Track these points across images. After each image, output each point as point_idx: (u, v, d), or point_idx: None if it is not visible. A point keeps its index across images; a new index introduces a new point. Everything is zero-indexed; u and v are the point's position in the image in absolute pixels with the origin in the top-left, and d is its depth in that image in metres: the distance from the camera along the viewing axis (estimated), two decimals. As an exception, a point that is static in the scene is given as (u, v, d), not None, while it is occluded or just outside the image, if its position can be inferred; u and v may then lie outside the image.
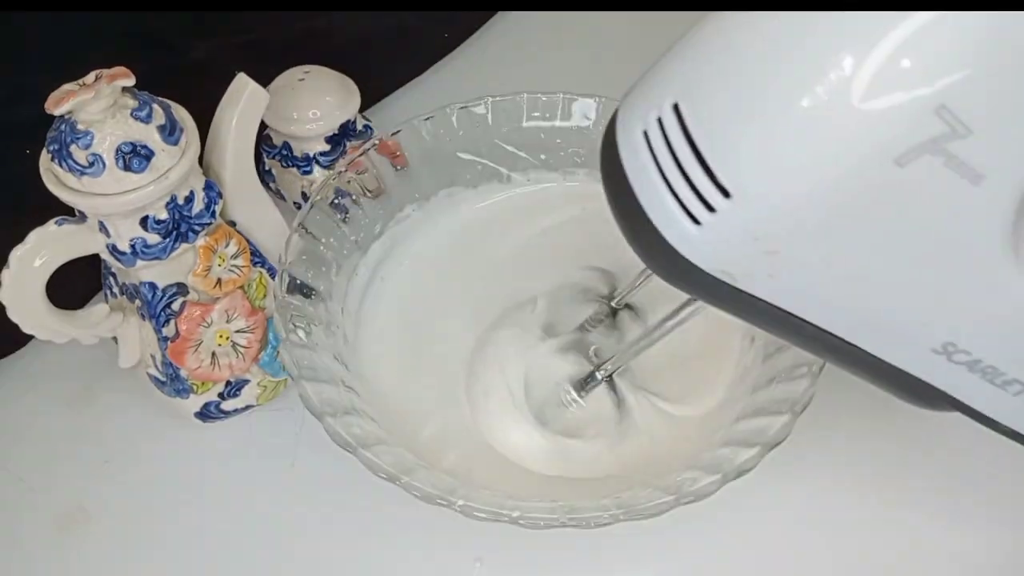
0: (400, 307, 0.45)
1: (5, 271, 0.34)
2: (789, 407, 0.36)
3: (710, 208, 0.24)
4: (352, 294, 0.44)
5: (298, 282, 0.40)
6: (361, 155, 0.44)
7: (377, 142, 0.45)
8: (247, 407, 0.42)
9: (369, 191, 0.45)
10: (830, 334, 0.28)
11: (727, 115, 0.24)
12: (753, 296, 0.26)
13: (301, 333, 0.39)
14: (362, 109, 0.48)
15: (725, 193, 0.24)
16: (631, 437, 0.40)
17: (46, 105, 0.32)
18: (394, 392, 0.42)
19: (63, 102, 0.32)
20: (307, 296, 0.41)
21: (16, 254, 0.34)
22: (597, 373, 0.40)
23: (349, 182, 0.44)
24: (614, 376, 0.40)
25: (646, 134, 0.25)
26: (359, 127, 0.49)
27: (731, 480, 0.34)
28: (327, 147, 0.47)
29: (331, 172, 0.44)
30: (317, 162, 0.47)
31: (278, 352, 0.41)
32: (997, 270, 0.25)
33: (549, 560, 0.39)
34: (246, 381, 0.41)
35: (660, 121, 0.25)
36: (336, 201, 0.44)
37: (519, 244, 0.47)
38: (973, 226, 0.25)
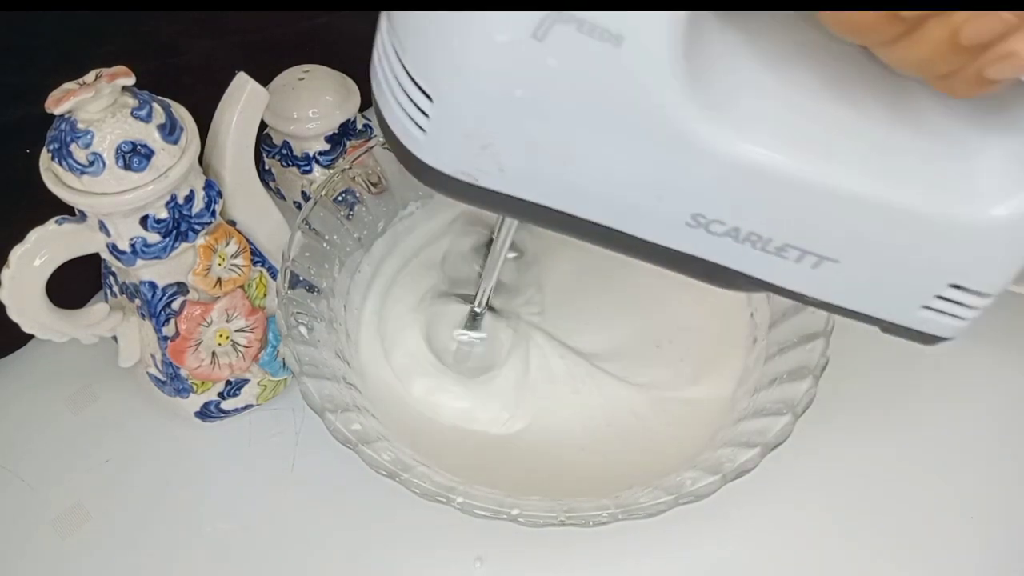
0: (401, 304, 0.45)
1: (5, 270, 0.34)
2: (790, 408, 0.36)
3: (425, 113, 0.27)
4: (355, 291, 0.44)
5: (301, 278, 0.40)
6: (365, 152, 0.44)
7: (380, 140, 0.45)
8: (247, 406, 0.42)
9: (373, 185, 0.45)
10: (583, 220, 0.30)
11: (419, 35, 0.27)
12: (498, 192, 0.29)
13: (303, 329, 0.39)
14: (362, 109, 0.48)
15: (428, 97, 0.27)
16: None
17: (46, 104, 0.32)
18: (395, 389, 0.42)
19: (63, 101, 0.32)
20: (310, 292, 0.41)
21: (16, 253, 0.34)
22: (474, 308, 0.42)
23: (354, 179, 0.44)
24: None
25: (378, 59, 0.29)
26: (359, 126, 0.49)
27: (731, 480, 0.34)
28: (327, 146, 0.47)
29: (336, 169, 0.44)
30: (317, 161, 0.47)
31: (278, 351, 0.41)
32: (687, 124, 0.26)
33: (549, 560, 0.39)
34: (246, 380, 0.41)
35: (381, 42, 0.29)
36: (340, 198, 0.44)
37: (522, 242, 0.47)
38: (638, 87, 0.26)
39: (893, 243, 0.29)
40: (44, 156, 0.34)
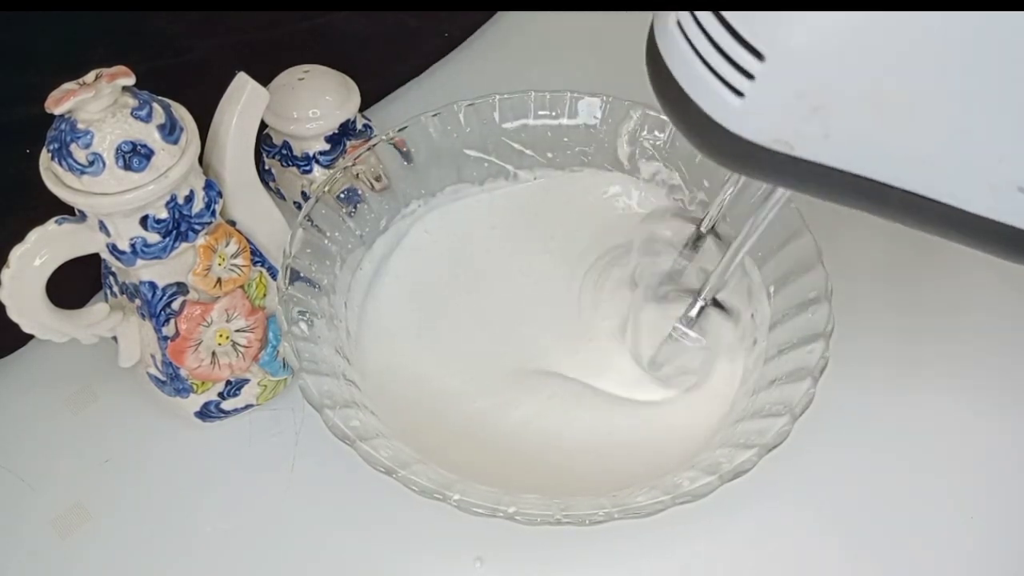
0: (403, 302, 0.45)
1: (5, 270, 0.34)
2: (788, 409, 0.36)
3: (748, 75, 0.25)
4: (356, 288, 0.45)
5: (301, 275, 0.41)
6: (368, 149, 0.45)
7: (384, 137, 0.45)
8: (247, 406, 0.42)
9: (376, 182, 0.45)
10: (904, 191, 0.27)
11: None
12: (815, 164, 0.26)
13: (304, 326, 0.39)
14: (362, 109, 0.48)
15: (759, 56, 0.24)
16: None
17: (46, 104, 0.32)
18: (395, 386, 0.42)
19: (63, 101, 0.32)
20: (310, 288, 0.41)
21: (16, 253, 0.34)
22: (699, 301, 0.39)
23: (357, 176, 0.44)
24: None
25: (679, 23, 0.27)
26: (359, 126, 0.49)
27: (728, 481, 0.34)
28: (327, 146, 0.47)
29: (338, 166, 0.44)
30: (317, 161, 0.47)
31: (278, 351, 0.41)
32: None
33: (549, 561, 0.39)
34: (246, 380, 0.41)
35: (692, 12, 0.26)
36: (343, 195, 0.44)
37: (524, 241, 0.47)
38: (1012, 23, 0.23)
39: None
40: (44, 156, 0.34)
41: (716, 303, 0.39)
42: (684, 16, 0.26)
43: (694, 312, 0.39)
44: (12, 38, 0.59)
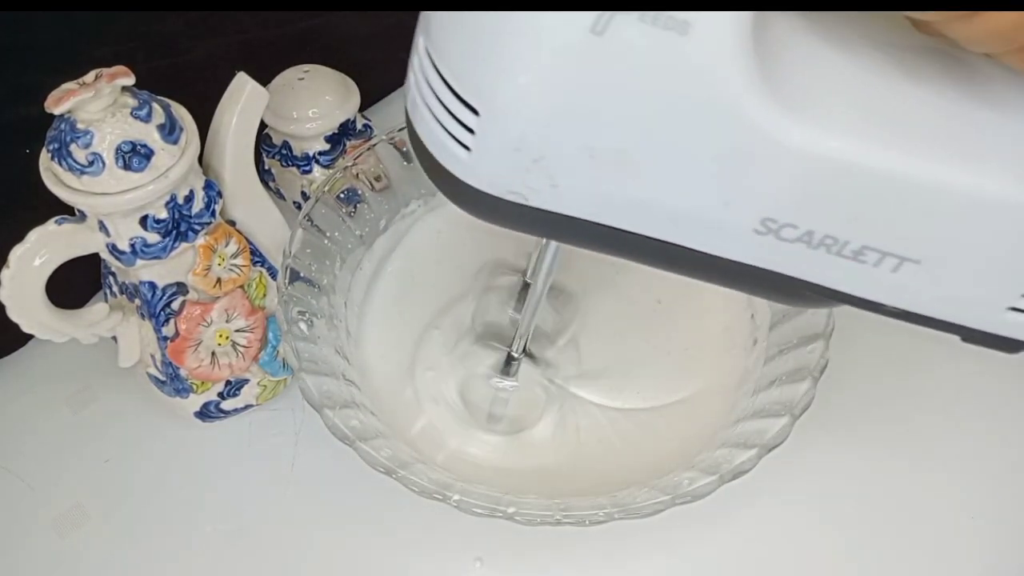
0: (403, 302, 0.45)
1: (5, 270, 0.34)
2: (788, 410, 0.36)
3: (469, 129, 0.25)
4: (356, 288, 0.45)
5: (301, 275, 0.41)
6: (368, 149, 0.45)
7: (384, 137, 0.45)
8: (247, 406, 0.42)
9: (376, 181, 0.45)
10: (641, 236, 0.27)
11: (462, 43, 0.25)
12: (550, 212, 0.27)
13: (303, 326, 0.39)
14: (362, 108, 0.48)
15: (474, 111, 0.25)
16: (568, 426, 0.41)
17: (46, 104, 0.32)
18: (395, 386, 0.42)
19: (63, 101, 0.32)
20: (310, 288, 0.41)
21: (16, 253, 0.34)
22: (512, 352, 0.40)
23: (357, 176, 0.44)
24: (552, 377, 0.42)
25: (415, 80, 0.27)
26: (359, 126, 0.49)
27: (728, 481, 0.34)
28: (327, 146, 0.47)
29: (338, 166, 0.44)
30: (317, 161, 0.47)
31: (278, 351, 0.41)
32: (759, 116, 0.24)
33: (549, 561, 0.39)
34: (246, 380, 0.41)
35: (419, 61, 0.27)
36: (343, 195, 0.44)
37: (524, 241, 0.47)
38: (707, 77, 0.24)
39: (977, 237, 0.27)
40: (44, 156, 0.34)
41: (528, 353, 0.41)
42: (417, 70, 0.27)
43: (507, 365, 0.41)
44: (12, 38, 0.59)
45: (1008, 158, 0.26)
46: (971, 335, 0.30)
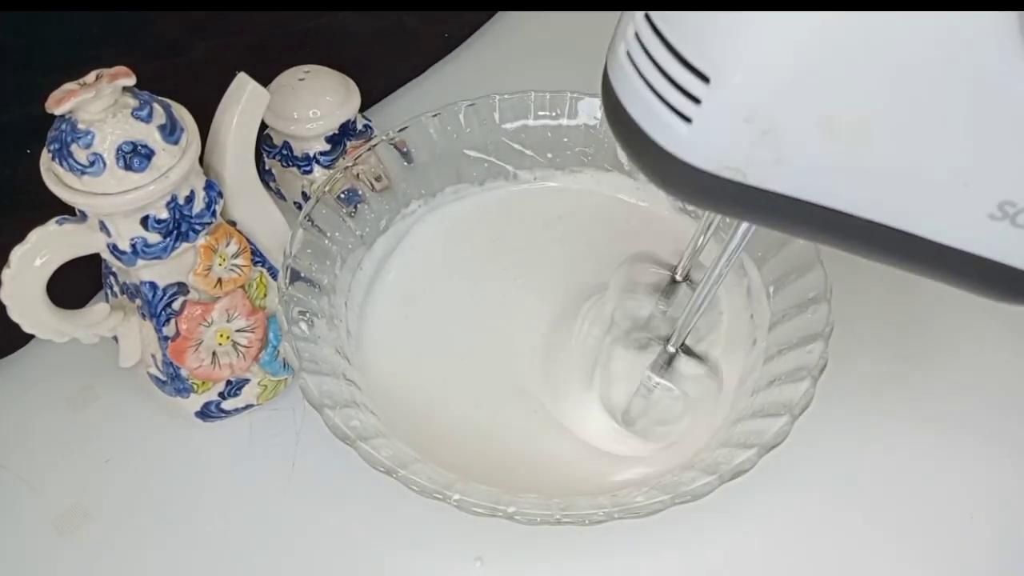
0: (404, 302, 0.45)
1: (6, 270, 0.34)
2: (788, 409, 0.36)
3: (695, 100, 0.24)
4: (356, 288, 0.45)
5: (302, 275, 0.41)
6: (369, 149, 0.45)
7: (384, 137, 0.45)
8: (247, 406, 0.42)
9: (376, 182, 0.45)
10: (863, 220, 0.26)
11: (695, 13, 0.24)
12: (769, 192, 0.25)
13: (304, 326, 0.39)
14: (362, 109, 0.48)
15: (704, 78, 0.24)
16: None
17: (47, 104, 0.32)
18: (395, 386, 0.42)
19: (64, 101, 0.32)
20: (311, 288, 0.41)
21: (17, 253, 0.34)
22: (669, 348, 0.38)
23: (357, 176, 0.44)
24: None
25: (628, 53, 0.26)
26: (359, 127, 0.49)
27: (727, 481, 0.35)
28: (327, 147, 0.47)
29: (338, 166, 0.44)
30: (317, 161, 0.47)
31: (278, 351, 0.41)
32: (1018, 87, 0.23)
33: (549, 562, 0.39)
34: (246, 380, 0.41)
35: (637, 34, 0.25)
36: (343, 195, 0.44)
37: (524, 242, 0.47)
38: (967, 43, 0.22)
39: None
40: (44, 156, 0.34)
41: (688, 351, 0.38)
42: (633, 44, 0.26)
43: (664, 360, 0.38)
44: (12, 38, 0.59)
45: None
46: None
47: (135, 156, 0.33)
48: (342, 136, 0.48)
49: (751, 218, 0.28)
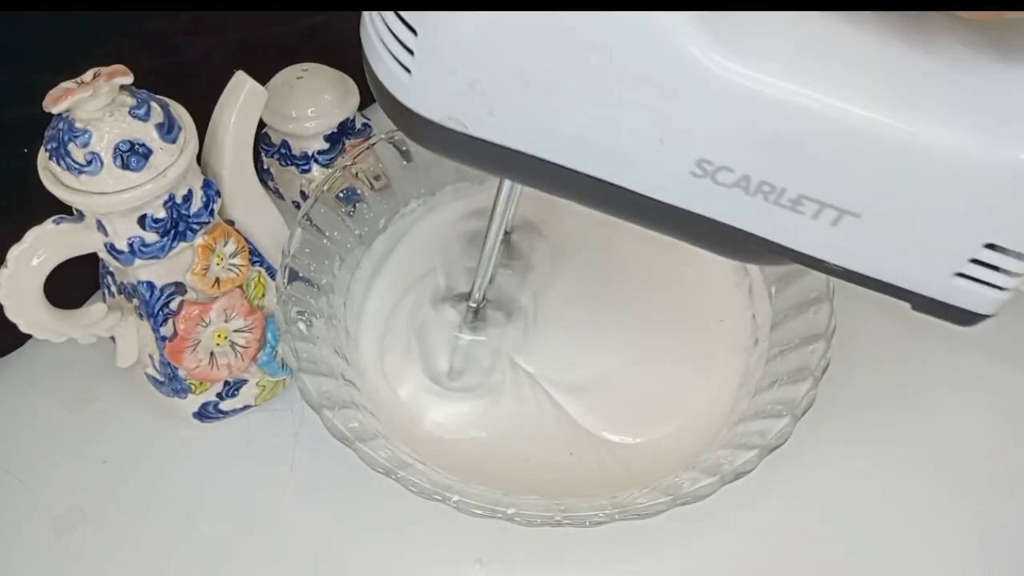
0: (403, 302, 0.45)
1: (3, 270, 0.33)
2: (789, 410, 0.36)
3: (409, 51, 0.26)
4: (355, 288, 0.44)
5: (300, 274, 0.40)
6: (368, 148, 0.44)
7: (383, 136, 0.45)
8: (245, 407, 0.42)
9: (375, 181, 0.45)
10: (577, 173, 0.27)
11: None
12: (487, 142, 0.27)
13: (302, 326, 0.39)
14: (361, 107, 0.48)
15: (413, 31, 0.26)
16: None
17: (44, 103, 0.32)
18: (394, 386, 0.42)
19: (61, 100, 0.32)
20: (309, 288, 0.41)
21: (14, 253, 0.33)
22: (469, 304, 0.40)
23: (356, 175, 0.44)
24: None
25: (368, 12, 0.28)
26: (358, 125, 0.48)
27: (729, 482, 0.34)
28: (326, 145, 0.47)
29: (337, 165, 0.44)
30: (316, 160, 0.47)
31: (277, 351, 0.41)
32: (694, 53, 0.24)
33: (549, 563, 0.39)
34: (244, 381, 0.41)
35: None
36: (342, 194, 0.44)
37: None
38: (652, 14, 0.24)
39: (919, 192, 0.26)
40: (42, 155, 0.34)
41: (488, 300, 0.40)
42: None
43: (470, 316, 0.40)
44: (11, 38, 0.59)
45: (947, 109, 0.25)
46: (919, 302, 0.29)
47: (133, 155, 0.33)
48: (341, 135, 0.47)
49: (486, 168, 0.30)
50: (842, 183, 0.26)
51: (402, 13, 0.26)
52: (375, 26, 0.27)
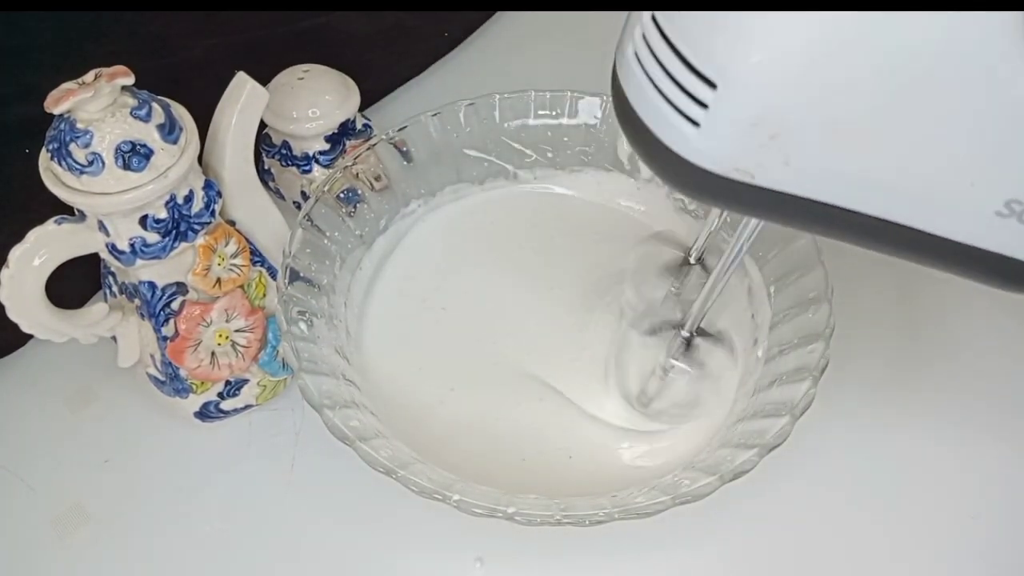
0: (403, 302, 0.45)
1: (4, 270, 0.34)
2: (789, 410, 0.36)
3: (702, 104, 0.25)
4: (356, 288, 0.45)
5: (301, 274, 0.41)
6: (368, 149, 0.45)
7: (384, 137, 0.45)
8: (246, 407, 0.42)
9: (376, 181, 0.45)
10: (872, 217, 0.26)
11: (698, 15, 0.24)
12: (778, 192, 0.26)
13: (303, 326, 0.39)
14: (362, 108, 0.48)
15: (711, 84, 0.24)
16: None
17: (45, 104, 0.32)
18: (394, 386, 0.42)
19: (63, 101, 0.32)
20: (310, 288, 0.41)
21: (15, 253, 0.33)
22: (683, 333, 0.38)
23: (357, 176, 0.44)
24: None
25: (636, 54, 0.26)
26: (358, 126, 0.49)
27: (728, 481, 0.34)
28: (327, 146, 0.47)
29: (338, 165, 0.44)
30: (316, 161, 0.47)
31: (277, 351, 0.41)
32: (1020, 89, 0.23)
33: (550, 563, 0.39)
34: (245, 381, 0.41)
35: (644, 36, 0.26)
36: (343, 195, 0.44)
37: (524, 241, 0.47)
38: (965, 44, 0.23)
39: None
40: (43, 156, 0.34)
41: (704, 332, 0.39)
42: (640, 46, 0.26)
43: (679, 345, 0.38)
44: (12, 38, 0.59)
45: None
46: None
47: (134, 155, 0.33)
48: (341, 135, 0.47)
49: (761, 215, 0.29)
50: None
51: (696, 64, 0.24)
52: (651, 75, 0.26)
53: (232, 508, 0.40)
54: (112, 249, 0.35)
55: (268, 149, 0.48)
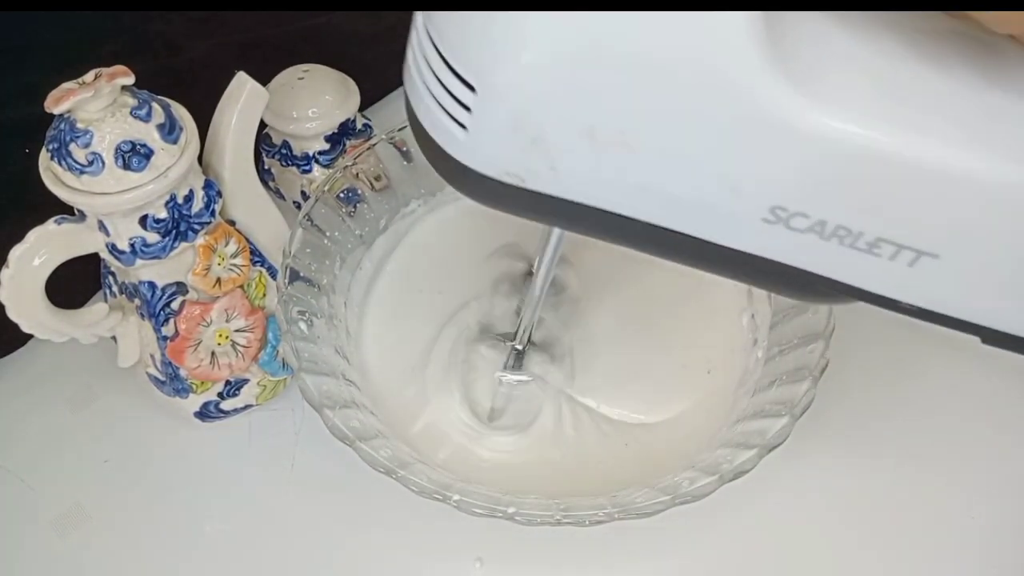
0: (404, 302, 0.45)
1: (4, 270, 0.34)
2: (788, 409, 0.36)
3: (466, 108, 0.25)
4: (356, 288, 0.44)
5: (301, 274, 0.41)
6: (368, 149, 0.45)
7: (384, 137, 0.45)
8: (246, 406, 0.42)
9: (376, 181, 0.45)
10: (643, 223, 0.26)
11: (458, 20, 0.24)
12: (549, 196, 0.26)
13: (303, 325, 0.39)
14: (361, 108, 0.48)
15: (471, 88, 0.24)
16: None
17: (46, 104, 0.32)
18: (395, 386, 0.42)
19: (63, 101, 0.32)
20: (310, 288, 0.41)
21: (15, 253, 0.33)
22: (516, 346, 0.40)
23: (357, 175, 0.44)
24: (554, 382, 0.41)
25: (413, 55, 0.27)
26: (359, 126, 0.49)
27: (728, 481, 0.34)
28: (327, 146, 0.47)
29: (338, 165, 0.44)
30: (316, 161, 0.47)
31: (277, 351, 0.41)
32: (768, 100, 0.23)
33: (550, 563, 0.39)
34: (245, 380, 0.41)
35: (417, 38, 0.26)
36: (343, 195, 0.44)
37: (524, 240, 0.47)
38: (716, 57, 0.23)
39: (1000, 229, 0.25)
40: (43, 156, 0.34)
41: (532, 342, 0.40)
42: (416, 47, 0.26)
43: (513, 358, 0.40)
44: (12, 38, 0.59)
45: None
46: (992, 337, 0.28)
47: (134, 155, 0.33)
48: (341, 135, 0.47)
49: (543, 220, 0.29)
50: (920, 225, 0.25)
51: (459, 70, 0.24)
52: (424, 79, 0.26)
53: (232, 508, 0.40)
54: (112, 249, 0.35)
55: (268, 149, 0.48)
